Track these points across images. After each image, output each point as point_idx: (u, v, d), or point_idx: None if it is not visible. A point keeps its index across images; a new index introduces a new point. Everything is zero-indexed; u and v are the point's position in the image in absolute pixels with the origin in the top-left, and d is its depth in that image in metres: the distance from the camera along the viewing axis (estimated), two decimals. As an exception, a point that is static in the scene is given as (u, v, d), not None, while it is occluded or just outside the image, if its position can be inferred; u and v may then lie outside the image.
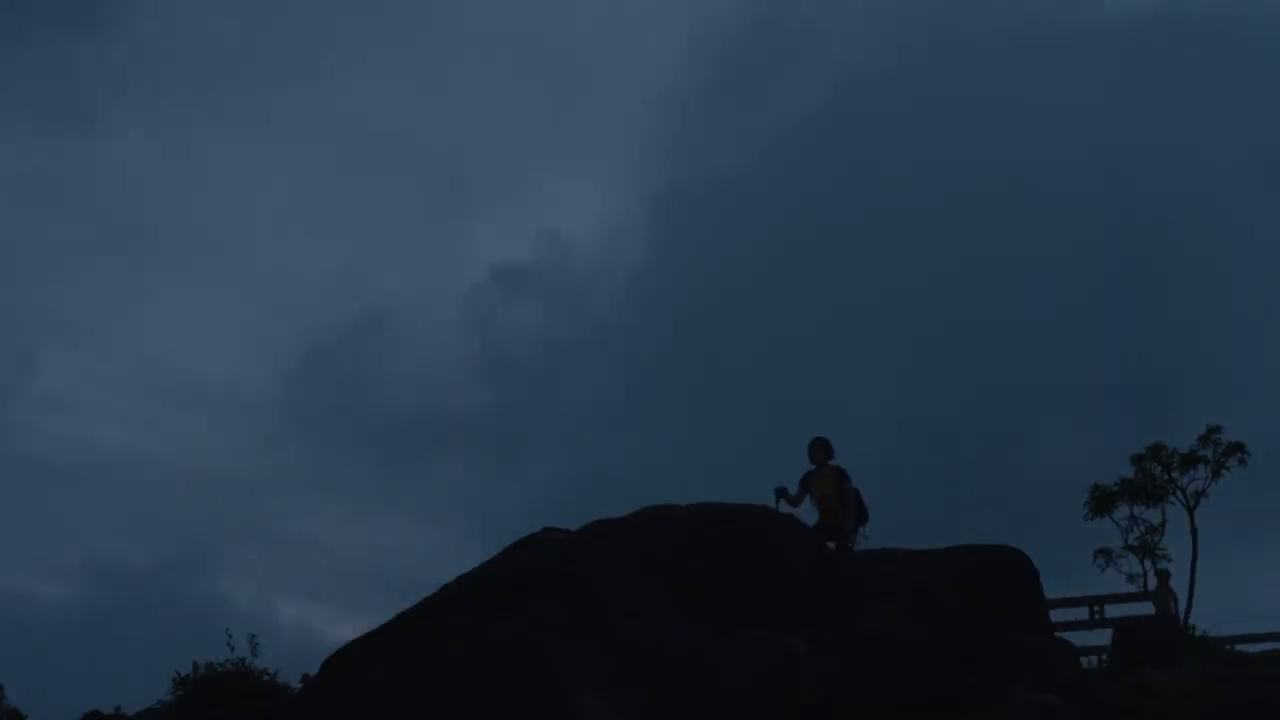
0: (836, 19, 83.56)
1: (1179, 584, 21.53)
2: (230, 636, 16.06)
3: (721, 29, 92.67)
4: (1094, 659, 17.54)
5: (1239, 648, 18.93)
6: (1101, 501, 23.92)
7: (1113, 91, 68.66)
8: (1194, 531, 23.43)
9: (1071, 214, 63.60)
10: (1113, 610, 18.65)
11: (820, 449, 12.03)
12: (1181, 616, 20.92)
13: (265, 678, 16.00)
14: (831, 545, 11.68)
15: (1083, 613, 18.60)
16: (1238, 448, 23.34)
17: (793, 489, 12.08)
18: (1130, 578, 23.48)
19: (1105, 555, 23.89)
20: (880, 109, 71.05)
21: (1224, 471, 23.37)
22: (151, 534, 66.15)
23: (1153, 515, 23.95)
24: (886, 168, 67.25)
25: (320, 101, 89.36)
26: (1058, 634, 12.70)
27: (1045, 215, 64.63)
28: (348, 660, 9.14)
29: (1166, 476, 23.67)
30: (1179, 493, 23.70)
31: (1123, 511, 24.02)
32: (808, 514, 11.80)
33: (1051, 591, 12.66)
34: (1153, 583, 21.20)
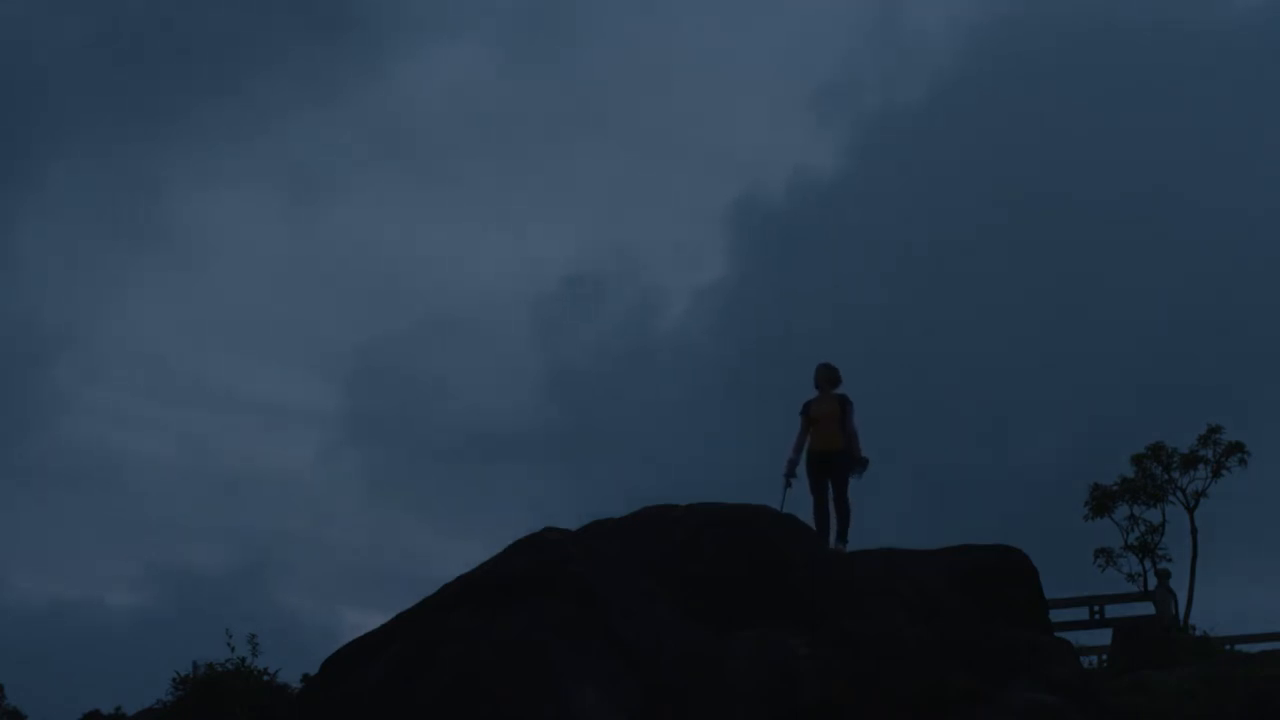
0: (940, 20, 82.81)
1: (1179, 584, 21.53)
2: (230, 636, 16.04)
3: (804, 37, 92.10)
4: (1094, 659, 17.54)
5: (1239, 648, 18.92)
6: (1101, 501, 23.91)
7: (1249, 92, 67.50)
8: (1194, 531, 23.43)
9: (1205, 215, 62.39)
10: (1113, 610, 18.64)
11: (826, 375, 11.76)
12: (1181, 616, 20.91)
13: (265, 678, 15.98)
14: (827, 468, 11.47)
15: (1083, 613, 18.59)
16: (1238, 447, 23.34)
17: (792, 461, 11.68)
18: (1130, 578, 23.46)
19: (1105, 555, 23.88)
20: (984, 112, 69.96)
21: (1224, 471, 23.37)
22: (217, 538, 66.57)
23: (1153, 515, 23.94)
24: (982, 176, 66.22)
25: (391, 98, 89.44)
26: (1058, 634, 12.68)
27: (1170, 218, 63.44)
28: (348, 660, 9.14)
29: (1166, 476, 23.65)
30: (1179, 493, 23.69)
31: (1123, 511, 24.00)
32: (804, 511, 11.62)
33: (1051, 591, 12.64)
34: (1153, 583, 21.18)
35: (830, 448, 11.51)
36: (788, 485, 11.60)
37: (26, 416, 67.77)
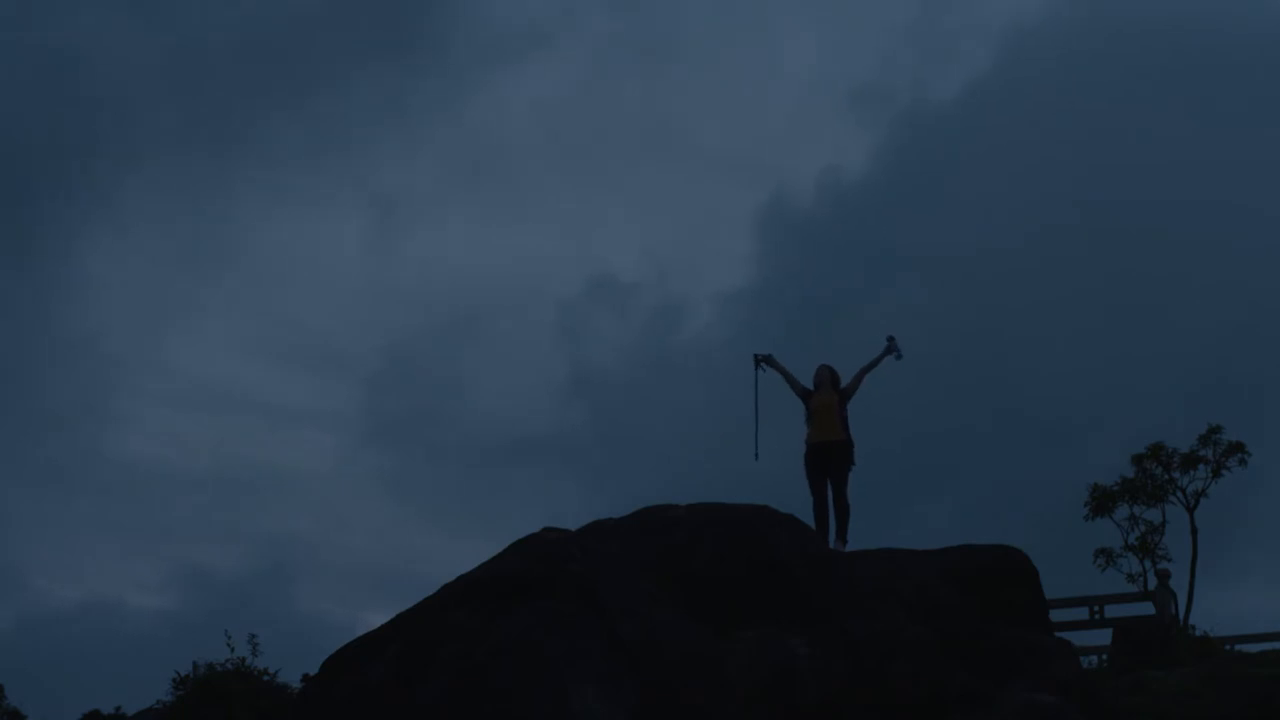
0: (975, 24, 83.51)
1: (1179, 584, 21.54)
2: (230, 637, 16.05)
3: (831, 42, 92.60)
4: (1094, 659, 17.55)
5: (1239, 648, 18.95)
6: (1101, 501, 23.94)
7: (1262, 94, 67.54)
8: (1194, 531, 23.46)
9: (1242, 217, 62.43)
10: (1113, 610, 18.66)
11: (830, 375, 11.98)
12: (1181, 616, 20.92)
13: (265, 678, 15.99)
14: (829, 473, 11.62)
15: (1083, 613, 18.61)
16: (1238, 447, 23.38)
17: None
18: (1130, 578, 23.48)
19: (1105, 555, 23.90)
20: (1013, 112, 70.16)
21: (1224, 471, 23.41)
22: (244, 541, 67.08)
23: (1153, 515, 23.96)
24: (1011, 181, 66.52)
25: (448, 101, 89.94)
26: (1058, 634, 12.68)
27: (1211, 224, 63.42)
28: (348, 660, 9.14)
29: (1166, 476, 23.70)
30: (1179, 493, 23.72)
31: (1123, 511, 24.04)
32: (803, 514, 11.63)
33: (1051, 591, 12.65)
34: (1153, 583, 21.19)
35: (829, 438, 11.58)
36: (757, 366, 12.10)
37: (53, 422, 68.28)
